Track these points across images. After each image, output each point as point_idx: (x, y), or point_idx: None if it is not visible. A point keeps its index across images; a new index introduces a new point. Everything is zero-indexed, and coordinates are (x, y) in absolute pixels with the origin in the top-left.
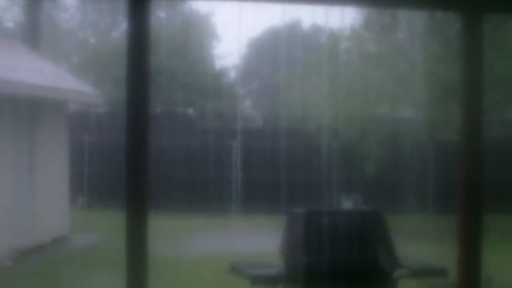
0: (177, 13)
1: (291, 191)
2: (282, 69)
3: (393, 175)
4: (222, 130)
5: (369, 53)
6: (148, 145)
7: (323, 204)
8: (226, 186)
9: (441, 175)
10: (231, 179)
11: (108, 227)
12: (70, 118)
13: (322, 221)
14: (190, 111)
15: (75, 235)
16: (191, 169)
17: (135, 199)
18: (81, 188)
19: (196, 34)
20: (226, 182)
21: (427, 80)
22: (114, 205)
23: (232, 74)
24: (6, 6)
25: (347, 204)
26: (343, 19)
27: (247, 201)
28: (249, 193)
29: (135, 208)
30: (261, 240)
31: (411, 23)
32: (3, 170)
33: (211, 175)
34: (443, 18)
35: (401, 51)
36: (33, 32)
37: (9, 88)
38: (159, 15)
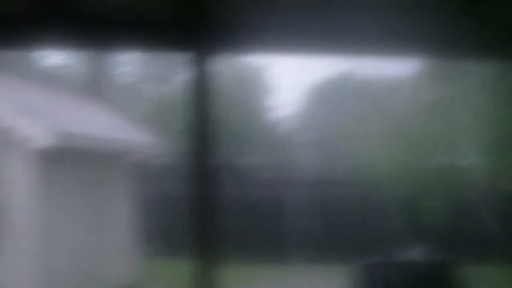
0: (232, 65)
1: (351, 242)
2: (338, 120)
3: (456, 226)
4: (278, 181)
5: (427, 101)
6: (214, 195)
7: (386, 256)
8: (284, 236)
9: (505, 225)
10: (289, 229)
11: (173, 277)
12: (132, 169)
13: (389, 272)
14: (246, 162)
15: (140, 285)
16: (249, 219)
17: (203, 249)
18: (144, 238)
19: (251, 85)
20: (284, 232)
21: (490, 128)
22: (177, 255)
23: (287, 125)
24: (70, 62)
25: (410, 255)
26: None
27: (306, 252)
28: (307, 243)
29: (203, 257)
30: None
31: (471, 70)
32: (69, 220)
33: (269, 225)
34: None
35: (462, 99)
36: (96, 85)
37: (74, 140)
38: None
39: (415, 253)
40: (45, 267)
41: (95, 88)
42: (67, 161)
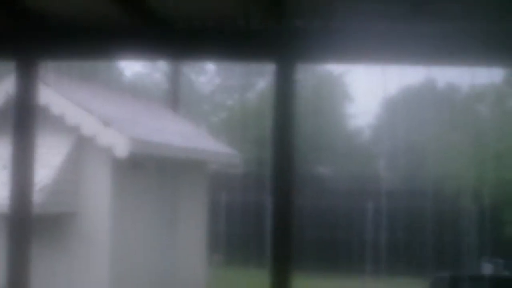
0: (313, 73)
1: (427, 253)
2: (418, 129)
3: None
4: (356, 190)
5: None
6: (293, 205)
7: (462, 268)
8: (361, 247)
9: None
10: (365, 240)
11: (245, 285)
12: (209, 178)
13: (466, 286)
14: (323, 171)
15: None
16: (325, 229)
17: (280, 258)
18: (218, 246)
19: (331, 94)
20: (361, 243)
21: None
22: (249, 263)
23: (366, 134)
24: (149, 71)
25: (487, 268)
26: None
27: (383, 263)
28: (384, 254)
29: (279, 267)
30: None
31: None
32: (146, 227)
33: (346, 236)
34: None
35: None
36: (174, 95)
37: (153, 149)
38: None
39: (494, 267)
40: (120, 273)
41: (174, 97)
42: (145, 169)
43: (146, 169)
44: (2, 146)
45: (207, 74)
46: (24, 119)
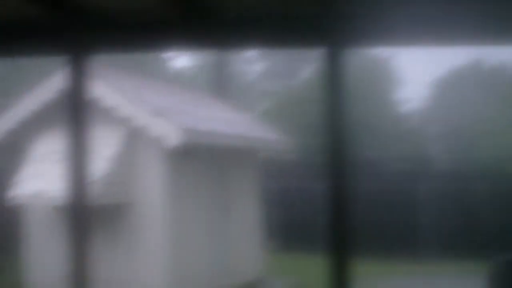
0: (362, 58)
1: (484, 236)
2: (467, 110)
3: None
4: (407, 173)
5: None
6: (348, 189)
7: None
8: (415, 230)
9: None
10: (423, 224)
11: (301, 271)
12: (260, 165)
13: None
14: (377, 155)
15: (269, 279)
16: (379, 213)
17: (336, 243)
18: (271, 232)
19: (381, 78)
20: (418, 226)
21: None
22: (303, 249)
23: (415, 117)
24: (195, 61)
25: None
26: None
27: (438, 246)
28: (439, 237)
29: (336, 252)
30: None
31: None
32: (200, 215)
33: (401, 219)
34: None
35: None
36: (221, 84)
37: (203, 138)
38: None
39: None
40: (173, 261)
41: (221, 86)
42: (196, 158)
43: (198, 158)
44: (55, 140)
45: (252, 62)
46: (78, 112)
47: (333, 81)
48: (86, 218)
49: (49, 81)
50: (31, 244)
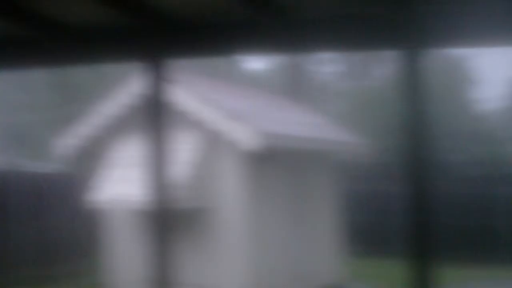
0: (438, 58)
1: None
2: None
3: None
4: (485, 176)
5: None
6: (428, 192)
7: None
8: (494, 235)
9: None
10: (498, 228)
11: (380, 276)
12: (337, 168)
13: None
14: (452, 157)
15: (347, 284)
16: (459, 216)
17: (417, 248)
18: (349, 237)
19: (457, 79)
20: (493, 230)
21: None
22: (382, 254)
23: (493, 118)
24: (269, 63)
25: None
26: None
27: None
28: None
29: (416, 257)
30: None
31: None
32: (276, 219)
33: (481, 223)
34: None
35: None
36: (295, 86)
37: (280, 141)
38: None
39: None
40: (252, 265)
41: (295, 89)
42: (274, 161)
43: (274, 162)
44: (134, 144)
45: (327, 63)
46: (157, 117)
47: (411, 82)
48: (167, 222)
49: (127, 87)
50: (112, 248)
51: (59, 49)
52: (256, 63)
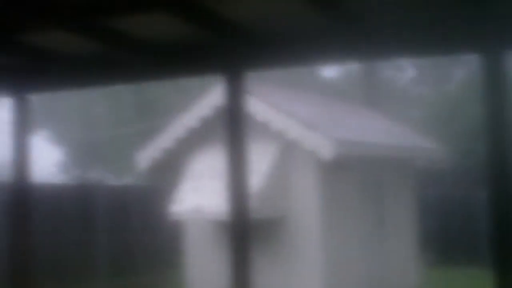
0: None
1: None
2: None
3: None
4: None
5: None
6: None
7: None
8: None
9: None
10: None
11: (459, 285)
12: (415, 175)
13: None
14: None
15: None
16: None
17: (504, 256)
18: (428, 244)
19: None
20: None
21: None
22: (463, 262)
23: None
24: (345, 71)
25: None
26: None
27: None
28: None
29: (501, 265)
30: None
31: None
32: (355, 227)
33: None
34: None
35: None
36: (372, 93)
37: (357, 149)
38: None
39: None
40: (329, 274)
41: (372, 96)
42: (350, 169)
43: (352, 170)
44: (212, 156)
45: (402, 68)
46: (235, 128)
47: (492, 85)
48: (246, 232)
49: (206, 99)
50: (192, 258)
51: (139, 65)
52: (330, 70)
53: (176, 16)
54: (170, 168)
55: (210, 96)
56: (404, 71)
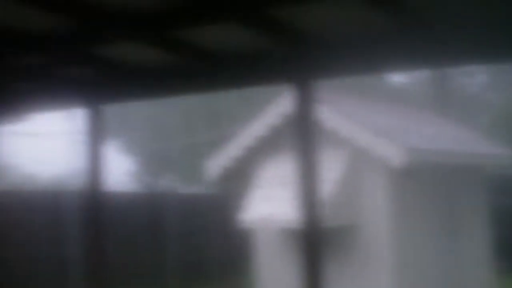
0: None
1: None
2: None
3: None
4: None
5: None
6: None
7: None
8: None
9: None
10: None
11: None
12: (488, 182)
13: None
14: None
15: None
16: None
17: None
18: (503, 253)
19: None
20: None
21: None
22: None
23: None
24: (413, 77)
25: None
26: None
27: None
28: None
29: None
30: None
31: None
32: (426, 236)
33: None
34: None
35: None
36: (442, 99)
37: (431, 156)
38: None
39: None
40: (401, 283)
41: (442, 102)
42: (421, 177)
43: (422, 177)
44: (281, 164)
45: (473, 74)
46: (305, 136)
47: None
48: (318, 240)
49: (274, 108)
50: (261, 266)
51: (209, 75)
52: (399, 77)
53: (245, 27)
54: (239, 177)
55: (279, 104)
56: (475, 77)
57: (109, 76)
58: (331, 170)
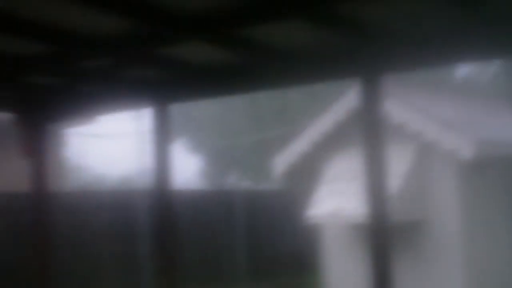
0: None
1: None
2: None
3: None
4: None
5: None
6: None
7: None
8: None
9: None
10: None
11: None
12: None
13: None
14: None
15: None
16: None
17: None
18: None
19: None
20: None
21: None
22: None
23: None
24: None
25: None
26: None
27: None
28: None
29: None
30: None
31: None
32: (497, 231)
33: None
34: None
35: None
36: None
37: (501, 149)
38: None
39: None
40: (475, 280)
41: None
42: (492, 170)
43: (493, 170)
44: (348, 159)
45: None
46: (373, 131)
47: None
48: (387, 235)
49: (339, 103)
50: (330, 261)
51: (275, 72)
52: (468, 68)
53: (312, 23)
54: (306, 172)
55: (345, 100)
56: None
57: (175, 75)
58: (399, 164)
